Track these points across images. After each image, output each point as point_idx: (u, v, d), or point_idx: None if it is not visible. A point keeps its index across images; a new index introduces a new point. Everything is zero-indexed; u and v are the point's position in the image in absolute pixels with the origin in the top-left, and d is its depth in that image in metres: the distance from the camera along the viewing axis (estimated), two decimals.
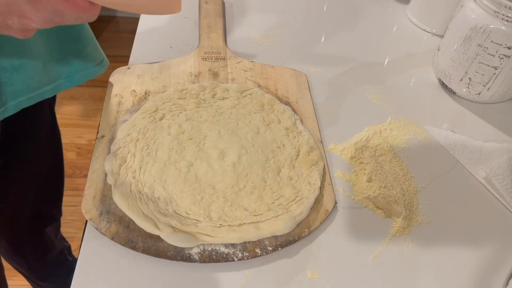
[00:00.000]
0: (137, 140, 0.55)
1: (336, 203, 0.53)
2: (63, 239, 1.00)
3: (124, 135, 0.55)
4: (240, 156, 0.55)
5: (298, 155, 0.56)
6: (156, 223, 0.47)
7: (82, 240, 0.47)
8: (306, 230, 0.49)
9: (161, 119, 0.58)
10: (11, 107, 0.54)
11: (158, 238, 0.47)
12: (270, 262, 0.47)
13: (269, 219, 0.49)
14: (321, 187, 0.53)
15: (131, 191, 0.49)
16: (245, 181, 0.52)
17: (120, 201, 0.48)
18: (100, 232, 0.47)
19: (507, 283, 0.48)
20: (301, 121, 0.61)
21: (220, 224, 0.47)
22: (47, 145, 0.73)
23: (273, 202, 0.51)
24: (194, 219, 0.48)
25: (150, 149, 0.54)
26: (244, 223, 0.48)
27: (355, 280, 0.47)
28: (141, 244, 0.46)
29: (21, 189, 0.73)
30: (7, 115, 0.55)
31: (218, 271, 0.46)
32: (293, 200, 0.51)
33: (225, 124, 0.59)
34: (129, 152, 0.53)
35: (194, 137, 0.56)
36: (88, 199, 0.50)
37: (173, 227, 0.46)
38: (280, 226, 0.48)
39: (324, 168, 0.55)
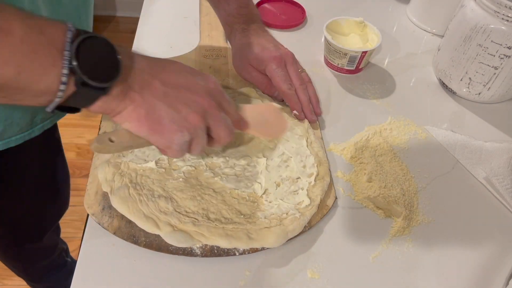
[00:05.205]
0: (139, 150, 0.53)
1: (336, 198, 0.53)
2: (62, 242, 0.99)
3: None
4: (244, 167, 0.54)
5: (304, 167, 0.54)
6: (157, 222, 0.46)
7: (82, 240, 0.47)
8: (306, 225, 0.49)
9: None
10: (37, 130, 0.56)
11: None
12: (270, 261, 0.47)
13: (261, 228, 0.48)
14: (320, 205, 0.51)
15: (129, 194, 0.48)
16: (245, 187, 0.51)
17: (119, 206, 0.47)
18: (102, 227, 0.47)
19: (507, 283, 0.48)
20: (312, 129, 0.60)
21: (215, 225, 0.47)
22: (42, 153, 0.71)
23: (269, 211, 0.49)
24: (193, 218, 0.47)
25: (149, 157, 0.52)
26: (238, 228, 0.47)
27: (355, 280, 0.47)
28: (143, 238, 0.46)
29: (17, 200, 0.71)
30: (33, 136, 0.56)
31: (218, 271, 0.46)
32: (288, 213, 0.49)
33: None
34: (121, 162, 0.51)
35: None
36: (90, 194, 0.50)
37: (172, 226, 0.46)
38: (271, 239, 0.47)
39: (329, 184, 0.53)
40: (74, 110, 0.37)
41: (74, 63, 0.32)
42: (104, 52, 0.35)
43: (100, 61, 0.34)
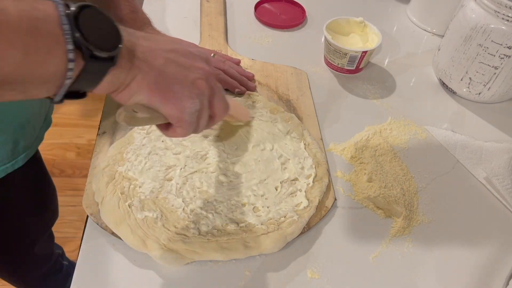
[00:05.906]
0: (136, 158, 0.52)
1: (335, 199, 0.53)
2: (57, 247, 0.98)
3: (115, 153, 0.53)
4: (238, 173, 0.53)
5: (303, 168, 0.54)
6: (144, 240, 0.45)
7: (82, 240, 0.47)
8: (305, 226, 0.49)
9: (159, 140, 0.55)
10: (21, 160, 0.56)
11: None
12: (270, 262, 0.47)
13: (258, 235, 0.47)
14: (318, 206, 0.51)
15: (119, 207, 0.47)
16: (239, 191, 0.51)
17: (107, 219, 0.47)
18: (101, 227, 0.47)
19: (507, 283, 0.48)
20: (308, 130, 0.59)
21: (208, 239, 0.46)
22: (25, 177, 0.67)
23: (266, 216, 0.49)
24: (182, 234, 0.46)
25: (146, 165, 0.52)
26: (233, 239, 0.46)
27: (355, 280, 0.47)
28: None
29: (4, 212, 0.70)
30: (16, 167, 0.56)
31: (218, 271, 0.46)
32: (286, 216, 0.49)
33: (228, 142, 0.56)
34: (117, 171, 0.51)
35: (196, 154, 0.54)
36: (89, 194, 0.49)
37: (161, 245, 0.45)
38: (269, 245, 0.46)
39: (327, 186, 0.53)
40: (80, 96, 0.34)
41: (77, 34, 0.30)
42: (100, 20, 0.32)
43: (100, 30, 0.32)
